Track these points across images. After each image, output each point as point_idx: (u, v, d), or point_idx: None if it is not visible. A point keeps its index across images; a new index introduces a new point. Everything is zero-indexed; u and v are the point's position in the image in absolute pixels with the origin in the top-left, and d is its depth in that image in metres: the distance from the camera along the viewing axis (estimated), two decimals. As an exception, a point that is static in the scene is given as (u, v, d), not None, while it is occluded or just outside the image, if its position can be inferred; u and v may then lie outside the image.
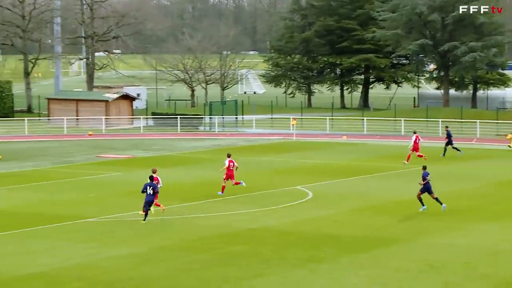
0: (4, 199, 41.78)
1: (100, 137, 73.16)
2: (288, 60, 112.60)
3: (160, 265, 28.58)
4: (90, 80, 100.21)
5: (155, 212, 35.57)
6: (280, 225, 35.22)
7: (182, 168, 53.54)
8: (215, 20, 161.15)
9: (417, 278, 26.81)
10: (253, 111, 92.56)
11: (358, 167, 53.57)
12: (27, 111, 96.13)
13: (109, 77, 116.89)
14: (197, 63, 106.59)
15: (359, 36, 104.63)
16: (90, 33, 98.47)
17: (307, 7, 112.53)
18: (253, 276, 27.10)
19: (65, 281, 26.52)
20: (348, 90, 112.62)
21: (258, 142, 69.70)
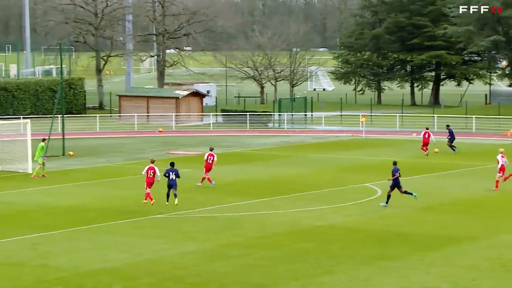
0: (76, 195, 42.34)
1: (170, 134, 73.70)
2: (358, 57, 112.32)
3: (229, 261, 28.69)
4: (160, 77, 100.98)
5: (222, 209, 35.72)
6: (348, 222, 35.12)
7: (251, 165, 53.67)
8: (285, 17, 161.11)
9: (488, 277, 26.51)
10: (322, 108, 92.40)
11: (428, 164, 53.17)
12: (98, 107, 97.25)
13: (179, 74, 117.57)
14: (267, 60, 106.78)
15: (430, 33, 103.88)
16: (161, 31, 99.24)
17: (378, 4, 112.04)
18: (321, 273, 27.06)
19: (136, 276, 26.76)
20: (418, 87, 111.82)
21: (327, 139, 69.56)
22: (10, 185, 45.61)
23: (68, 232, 33.39)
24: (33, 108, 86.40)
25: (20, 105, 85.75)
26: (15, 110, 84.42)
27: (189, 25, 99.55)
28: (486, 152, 54.13)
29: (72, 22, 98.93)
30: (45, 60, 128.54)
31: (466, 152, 58.67)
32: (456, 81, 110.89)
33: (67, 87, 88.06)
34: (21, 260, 28.86)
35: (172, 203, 37.98)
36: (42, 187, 44.73)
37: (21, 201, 40.62)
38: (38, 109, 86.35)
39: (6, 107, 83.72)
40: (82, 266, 27.99)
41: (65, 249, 30.52)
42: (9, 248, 30.70)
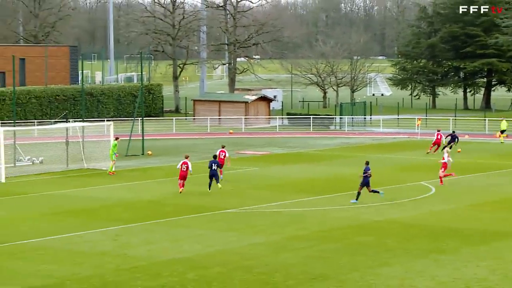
0: (154, 191, 42.66)
1: (240, 135, 73.88)
2: (414, 65, 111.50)
3: (294, 252, 28.64)
4: (231, 83, 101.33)
5: (290, 204, 35.67)
6: (404, 218, 34.84)
7: (314, 164, 53.56)
8: (346, 28, 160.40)
9: None
10: (381, 112, 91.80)
11: (479, 164, 52.52)
12: (175, 111, 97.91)
13: (249, 80, 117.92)
14: (329, 67, 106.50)
15: (483, 42, 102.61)
16: (233, 40, 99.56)
17: (433, 15, 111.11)
18: (379, 265, 26.88)
19: (207, 266, 26.85)
20: (471, 92, 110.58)
21: (385, 140, 69.10)
22: (94, 181, 46.17)
23: (146, 225, 33.66)
24: (116, 112, 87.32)
25: (104, 108, 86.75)
26: (100, 113, 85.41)
27: (258, 35, 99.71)
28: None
29: (151, 33, 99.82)
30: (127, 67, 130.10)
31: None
32: (507, 86, 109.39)
33: (147, 92, 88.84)
34: (103, 250, 29.16)
35: (214, 190, 39.70)
36: (123, 184, 45.19)
37: (104, 196, 41.08)
38: (120, 112, 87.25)
39: (92, 111, 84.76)
40: (158, 256, 28.18)
41: (143, 240, 30.77)
42: (93, 239, 31.06)
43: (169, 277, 25.56)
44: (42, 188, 43.65)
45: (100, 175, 48.53)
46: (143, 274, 25.91)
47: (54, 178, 47.88)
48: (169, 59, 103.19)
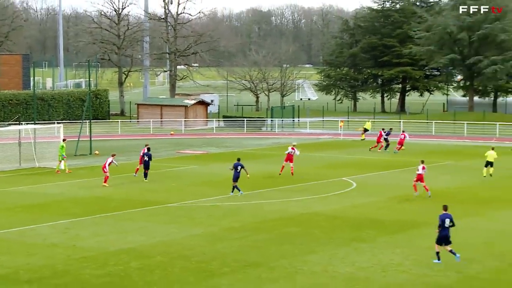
0: (101, 187, 42.26)
1: (180, 136, 73.64)
2: (337, 72, 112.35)
3: (229, 242, 28.71)
4: (172, 88, 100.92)
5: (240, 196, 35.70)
6: (328, 210, 35.16)
7: (248, 162, 53.46)
8: (277, 39, 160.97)
9: (443, 255, 26.53)
10: (308, 115, 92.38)
11: (395, 162, 53.19)
12: (120, 114, 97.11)
13: (188, 86, 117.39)
14: (261, 74, 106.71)
15: (398, 52, 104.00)
16: (173, 50, 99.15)
17: (354, 27, 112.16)
18: (306, 253, 27.11)
19: (150, 255, 26.78)
20: (387, 97, 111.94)
21: (311, 140, 69.55)
22: (45, 179, 45.60)
23: (95, 218, 33.41)
24: (65, 115, 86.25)
25: (54, 112, 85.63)
26: (50, 116, 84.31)
27: (196, 45, 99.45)
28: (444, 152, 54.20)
29: (98, 42, 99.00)
30: (75, 74, 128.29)
31: (425, 152, 58.67)
32: (419, 92, 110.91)
33: (94, 97, 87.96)
34: (54, 242, 28.88)
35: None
36: (73, 181, 44.71)
37: (55, 193, 40.62)
38: (70, 116, 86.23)
39: (43, 114, 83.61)
40: (106, 247, 28.01)
41: (91, 232, 30.54)
42: (45, 232, 30.72)
43: (115, 266, 25.43)
44: (-3, 186, 42.96)
45: (51, 173, 47.93)
46: (91, 263, 25.73)
47: (7, 176, 47.13)
48: (115, 67, 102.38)
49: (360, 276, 24.33)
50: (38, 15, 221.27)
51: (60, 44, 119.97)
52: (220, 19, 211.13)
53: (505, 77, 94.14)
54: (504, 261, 26.07)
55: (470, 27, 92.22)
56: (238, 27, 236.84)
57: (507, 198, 38.58)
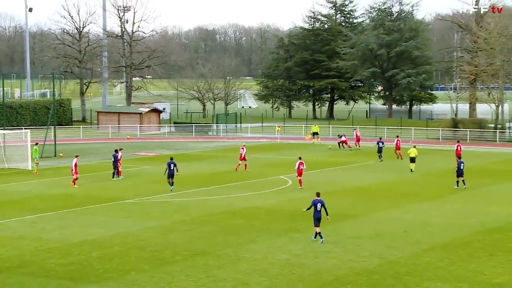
0: (65, 186, 41.61)
1: (135, 140, 72.97)
2: (274, 83, 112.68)
3: (180, 234, 28.51)
4: (128, 98, 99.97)
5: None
6: (267, 205, 35.18)
7: (196, 162, 53.45)
8: (221, 54, 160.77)
9: (368, 243, 26.81)
10: (248, 121, 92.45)
11: (327, 161, 53.52)
12: (82, 120, 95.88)
13: (142, 95, 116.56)
14: (208, 85, 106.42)
15: (327, 66, 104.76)
16: (129, 63, 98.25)
17: (289, 44, 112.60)
18: (248, 242, 27.07)
19: (109, 246, 26.45)
20: (318, 105, 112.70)
21: (252, 143, 69.57)
22: (14, 178, 44.70)
23: (59, 214, 32.87)
24: (32, 121, 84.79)
25: (22, 118, 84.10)
26: (18, 122, 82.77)
27: (150, 59, 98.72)
28: (367, 153, 54.67)
29: (62, 57, 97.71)
30: (41, 85, 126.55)
31: (357, 152, 59.16)
32: (345, 101, 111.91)
33: (58, 105, 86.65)
34: (22, 235, 28.31)
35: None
36: (39, 180, 43.92)
37: (24, 190, 39.86)
38: (36, 122, 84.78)
39: (12, 120, 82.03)
40: (69, 239, 27.58)
41: (56, 226, 30.03)
42: (14, 226, 30.09)
43: (78, 256, 25.03)
44: (-31, 185, 41.95)
45: (19, 174, 47.01)
46: (56, 253, 25.29)
47: (-20, 176, 46.09)
48: (77, 78, 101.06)
49: (296, 262, 24.37)
50: (7, 32, 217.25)
51: (27, 58, 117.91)
52: (170, 37, 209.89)
53: (418, 88, 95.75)
54: (420, 248, 26.40)
55: (389, 44, 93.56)
56: (187, 43, 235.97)
57: (423, 192, 39.13)
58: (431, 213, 33.04)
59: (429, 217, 31.92)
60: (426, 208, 34.22)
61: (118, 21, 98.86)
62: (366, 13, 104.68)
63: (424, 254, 25.44)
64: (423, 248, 26.34)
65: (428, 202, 35.75)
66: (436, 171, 47.97)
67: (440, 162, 53.08)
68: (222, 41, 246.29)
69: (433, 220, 31.35)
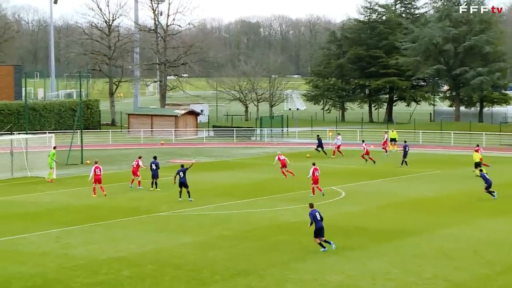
0: (92, 196, 42.04)
1: (170, 146, 73.50)
2: (325, 82, 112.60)
3: (220, 251, 28.58)
4: (162, 98, 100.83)
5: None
6: (318, 219, 34.99)
7: (237, 171, 53.61)
8: (265, 50, 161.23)
9: (431, 263, 26.54)
10: (296, 124, 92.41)
11: (384, 171, 53.22)
12: (111, 124, 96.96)
13: (178, 96, 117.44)
14: (250, 84, 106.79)
15: (385, 62, 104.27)
16: (163, 60, 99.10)
17: (342, 39, 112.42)
18: (295, 261, 27.01)
19: (141, 264, 26.63)
20: (375, 107, 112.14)
21: (300, 150, 69.48)
22: (37, 188, 45.40)
23: (86, 227, 33.24)
24: (57, 125, 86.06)
25: (46, 122, 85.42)
26: (42, 126, 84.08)
27: (186, 56, 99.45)
28: (432, 161, 54.22)
29: (89, 53, 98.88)
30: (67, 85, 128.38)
31: (413, 160, 58.68)
32: (406, 102, 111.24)
33: (85, 107, 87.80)
34: (46, 250, 28.70)
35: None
36: (64, 190, 44.51)
37: (47, 201, 40.43)
38: (61, 125, 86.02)
39: (35, 124, 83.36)
40: (97, 255, 27.85)
41: (82, 241, 30.37)
42: (37, 240, 30.53)
43: (107, 275, 25.26)
44: (-12, 195, 42.72)
45: (42, 182, 47.74)
46: (83, 272, 25.56)
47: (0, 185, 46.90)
48: (106, 77, 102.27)
49: (350, 284, 24.24)
50: (30, 26, 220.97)
51: (52, 55, 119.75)
52: (209, 30, 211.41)
53: (490, 88, 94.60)
54: (492, 269, 26.03)
55: (456, 38, 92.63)
56: (227, 38, 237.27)
57: (494, 205, 38.60)
58: (505, 229, 32.57)
59: (502, 235, 31.47)
60: (499, 224, 33.75)
61: (151, 13, 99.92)
62: (429, 2, 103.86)
63: (497, 277, 25.07)
64: (496, 269, 25.96)
65: (500, 217, 35.26)
66: (510, 182, 47.30)
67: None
68: (266, 35, 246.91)
69: (507, 238, 30.90)
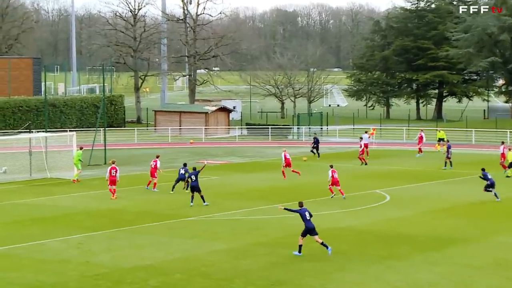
0: (116, 199, 42.40)
1: (200, 145, 73.75)
2: (368, 76, 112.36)
3: (254, 259, 28.62)
4: (192, 94, 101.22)
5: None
6: (359, 225, 35.00)
7: (273, 173, 53.58)
8: (303, 41, 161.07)
9: (485, 274, 26.34)
10: (337, 122, 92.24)
11: (431, 173, 52.94)
12: (136, 121, 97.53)
13: (208, 91, 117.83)
14: (287, 79, 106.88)
15: (434, 55, 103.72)
16: (193, 53, 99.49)
17: (386, 29, 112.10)
18: (335, 270, 26.97)
19: (168, 273, 26.76)
20: (423, 103, 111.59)
21: (341, 150, 69.37)
22: (57, 190, 45.82)
23: (109, 233, 33.47)
24: (78, 122, 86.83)
25: (67, 119, 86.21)
26: (62, 123, 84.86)
27: (217, 47, 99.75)
28: (486, 162, 53.72)
29: (113, 45, 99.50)
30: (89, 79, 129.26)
31: (466, 162, 58.30)
32: (457, 97, 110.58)
33: (109, 103, 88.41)
34: (67, 258, 28.94)
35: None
36: (86, 192, 44.89)
37: (68, 205, 40.80)
38: (83, 123, 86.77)
39: (55, 121, 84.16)
40: (121, 263, 28.03)
41: (106, 247, 30.59)
42: (57, 247, 30.81)
43: (132, 284, 25.42)
44: (5, 197, 43.20)
45: (63, 184, 48.17)
46: (106, 281, 25.75)
47: (18, 187, 47.44)
48: (131, 71, 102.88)
49: (394, 296, 24.17)
50: (50, 16, 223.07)
51: (73, 46, 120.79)
52: (242, 20, 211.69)
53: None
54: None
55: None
56: (262, 28, 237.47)
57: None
58: None
59: (562, 243, 31.16)
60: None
61: (180, 1, 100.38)
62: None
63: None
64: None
65: (561, 224, 34.91)
66: None
67: None
68: (304, 25, 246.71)
69: None
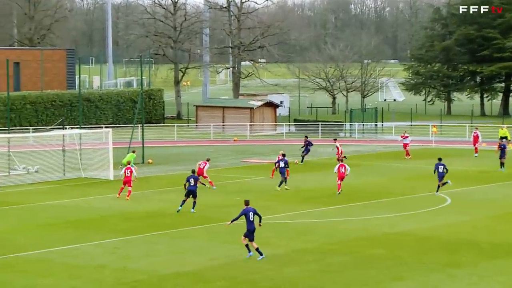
0: (154, 201, 42.68)
1: (244, 143, 73.84)
2: (428, 69, 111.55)
3: (301, 266, 28.60)
4: (236, 88, 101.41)
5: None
6: (418, 230, 34.78)
7: (323, 173, 53.45)
8: (357, 30, 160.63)
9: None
10: (393, 118, 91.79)
11: (495, 174, 52.42)
12: (176, 117, 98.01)
13: (254, 85, 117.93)
14: (339, 71, 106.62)
15: (500, 45, 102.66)
16: (237, 43, 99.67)
17: (448, 17, 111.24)
18: (391, 279, 26.84)
19: (211, 280, 26.84)
20: (488, 98, 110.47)
21: (397, 148, 68.96)
22: (93, 191, 46.18)
23: (147, 237, 33.67)
24: (115, 118, 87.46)
25: (102, 115, 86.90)
26: (98, 119, 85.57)
27: (263, 38, 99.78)
28: None
29: (152, 35, 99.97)
30: (126, 72, 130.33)
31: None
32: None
33: (147, 97, 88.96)
34: (102, 263, 29.17)
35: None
36: (122, 193, 45.14)
37: (103, 207, 41.12)
38: (119, 119, 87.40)
39: (89, 117, 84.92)
40: (160, 269, 28.17)
41: (144, 253, 30.78)
42: (92, 251, 31.07)
43: (171, 292, 25.59)
44: (37, 198, 43.68)
45: (97, 184, 48.55)
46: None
47: (50, 187, 47.92)
48: (170, 63, 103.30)
49: (456, 307, 24.02)
50: (84, 4, 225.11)
51: (109, 37, 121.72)
52: (290, 8, 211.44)
53: None
54: None
55: None
56: (312, 16, 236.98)
57: None
58: None
59: None
60: None
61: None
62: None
63: None
64: None
65: None
66: None
67: None
68: (358, 13, 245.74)
69: None
